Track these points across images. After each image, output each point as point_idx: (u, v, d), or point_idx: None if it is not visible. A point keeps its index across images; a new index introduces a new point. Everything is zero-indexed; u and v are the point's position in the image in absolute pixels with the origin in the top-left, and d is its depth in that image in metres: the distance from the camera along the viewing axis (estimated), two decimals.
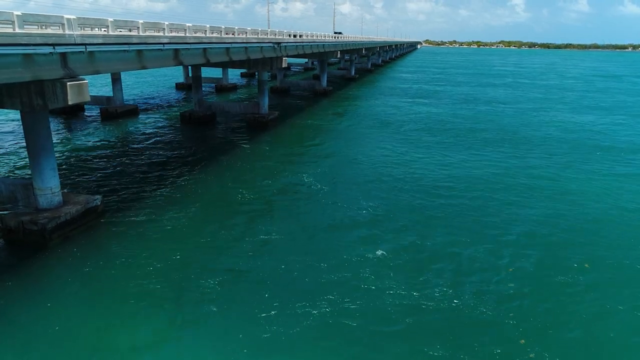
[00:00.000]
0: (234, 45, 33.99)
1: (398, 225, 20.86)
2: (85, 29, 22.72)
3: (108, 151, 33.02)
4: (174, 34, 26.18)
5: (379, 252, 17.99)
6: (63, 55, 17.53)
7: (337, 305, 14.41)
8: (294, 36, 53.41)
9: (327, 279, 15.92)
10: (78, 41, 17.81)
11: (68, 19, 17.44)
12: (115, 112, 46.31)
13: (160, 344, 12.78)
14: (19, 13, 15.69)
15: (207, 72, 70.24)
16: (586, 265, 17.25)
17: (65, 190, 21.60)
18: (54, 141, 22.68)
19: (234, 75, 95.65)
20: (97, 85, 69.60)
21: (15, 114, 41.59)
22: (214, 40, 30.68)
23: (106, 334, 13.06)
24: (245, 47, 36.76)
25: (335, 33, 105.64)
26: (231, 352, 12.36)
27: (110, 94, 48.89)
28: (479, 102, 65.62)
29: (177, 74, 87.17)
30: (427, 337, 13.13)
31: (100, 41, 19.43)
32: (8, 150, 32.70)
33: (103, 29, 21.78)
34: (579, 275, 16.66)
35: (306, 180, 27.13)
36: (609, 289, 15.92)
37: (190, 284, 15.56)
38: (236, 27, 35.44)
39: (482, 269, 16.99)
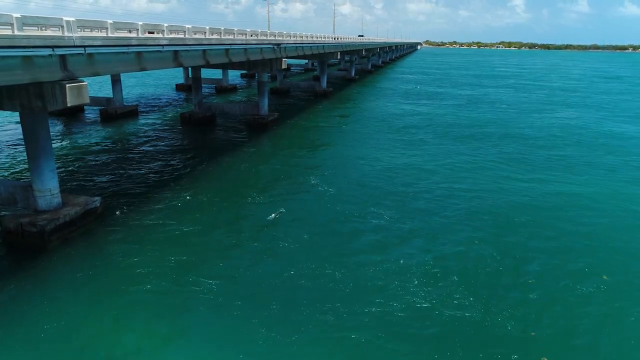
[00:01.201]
0: (233, 46, 34.02)
1: (404, 227, 20.83)
2: (85, 30, 22.76)
3: (108, 152, 33.05)
4: (173, 35, 26.21)
5: (385, 255, 17.94)
6: (62, 57, 17.55)
7: (341, 311, 14.33)
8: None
9: (332, 285, 15.82)
10: (77, 43, 17.83)
11: (67, 21, 17.46)
12: (115, 113, 46.33)
13: (159, 348, 12.77)
14: (18, 15, 15.70)
15: (207, 73, 70.06)
16: (605, 277, 16.85)
17: (65, 190, 21.61)
18: (53, 143, 22.74)
19: (234, 76, 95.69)
20: (97, 86, 69.63)
21: (14, 116, 41.67)
22: (213, 42, 30.71)
23: (104, 336, 13.05)
24: (245, 49, 36.80)
25: (359, 36, 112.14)
26: (229, 358, 12.35)
27: (110, 95, 48.94)
28: (482, 104, 65.61)
29: (177, 75, 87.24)
30: (436, 347, 13.08)
31: (100, 43, 19.46)
32: (7, 152, 32.72)
33: (102, 31, 21.79)
34: (598, 284, 16.43)
35: (308, 181, 27.13)
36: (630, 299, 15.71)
37: (190, 287, 15.54)
38: (235, 29, 35.46)
39: (491, 274, 16.94)
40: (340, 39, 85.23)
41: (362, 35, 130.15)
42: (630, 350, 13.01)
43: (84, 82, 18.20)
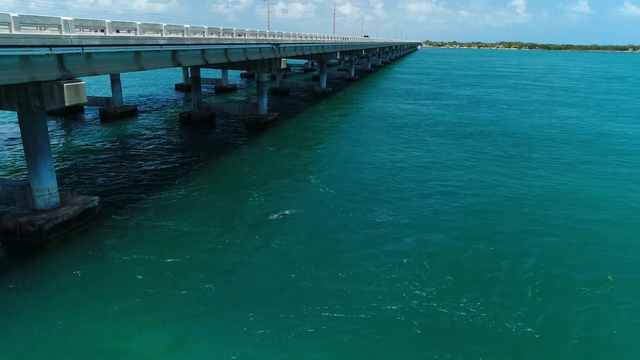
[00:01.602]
0: (232, 46, 34.04)
1: (404, 226, 20.80)
2: (84, 30, 22.78)
3: (107, 152, 33.06)
4: (172, 35, 26.23)
5: (385, 257, 17.91)
6: (60, 56, 17.58)
7: (339, 312, 14.32)
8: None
9: (330, 285, 15.81)
10: (75, 42, 17.84)
11: (65, 21, 17.47)
12: (114, 113, 46.36)
13: (157, 347, 12.77)
14: (15, 15, 15.72)
15: (206, 73, 70.36)
16: (610, 278, 16.73)
17: (64, 190, 21.61)
18: (52, 142, 22.87)
19: (234, 76, 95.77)
20: (97, 85, 69.68)
21: (13, 115, 41.69)
22: (212, 42, 30.72)
23: (103, 336, 13.05)
24: (244, 49, 36.81)
25: (364, 37, 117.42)
26: (226, 357, 12.36)
27: (110, 95, 48.98)
28: (482, 104, 65.60)
29: (177, 75, 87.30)
30: (437, 346, 13.09)
31: (98, 42, 19.47)
32: (5, 151, 32.74)
33: (100, 30, 21.82)
34: (600, 282, 16.44)
35: (308, 180, 27.13)
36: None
37: (188, 287, 15.53)
38: (234, 29, 35.48)
39: (492, 276, 16.83)
40: (346, 39, 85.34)
41: (367, 36, 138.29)
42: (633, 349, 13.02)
43: (81, 81, 18.21)
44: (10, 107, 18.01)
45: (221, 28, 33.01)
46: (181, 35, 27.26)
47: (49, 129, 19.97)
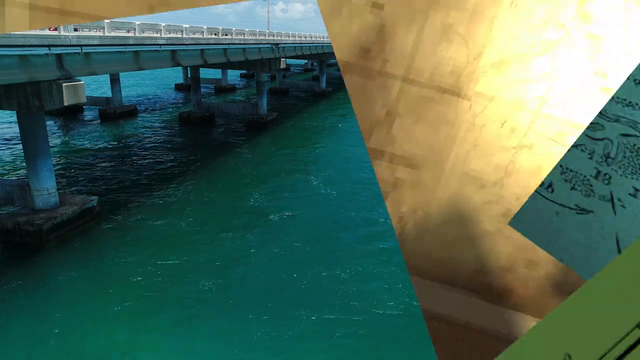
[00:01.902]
0: (231, 46, 34.07)
1: None
2: (84, 30, 22.77)
3: (106, 152, 33.04)
4: (171, 35, 26.23)
5: (386, 257, 17.89)
6: (59, 56, 17.59)
7: (339, 313, 14.31)
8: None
9: (330, 286, 15.80)
10: (74, 42, 17.86)
11: None
12: (114, 112, 46.29)
13: (156, 347, 12.77)
14: None
15: (206, 73, 70.25)
16: None
17: (65, 191, 21.62)
18: (52, 142, 22.91)
19: (234, 76, 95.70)
20: (96, 85, 69.68)
21: (12, 115, 41.67)
22: (211, 42, 30.76)
23: (102, 336, 13.04)
24: (243, 49, 36.83)
25: None
26: (224, 356, 12.35)
27: (109, 94, 48.95)
28: None
29: (176, 75, 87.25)
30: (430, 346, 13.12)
31: (97, 42, 19.49)
32: (5, 151, 32.73)
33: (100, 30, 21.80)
34: None
35: (309, 181, 27.13)
36: None
37: (187, 288, 15.52)
38: (234, 29, 35.51)
39: None
40: None
41: None
42: None
43: (80, 81, 18.23)
44: (10, 106, 18.03)
45: (220, 28, 33.06)
46: (180, 35, 27.27)
47: (48, 129, 19.97)
